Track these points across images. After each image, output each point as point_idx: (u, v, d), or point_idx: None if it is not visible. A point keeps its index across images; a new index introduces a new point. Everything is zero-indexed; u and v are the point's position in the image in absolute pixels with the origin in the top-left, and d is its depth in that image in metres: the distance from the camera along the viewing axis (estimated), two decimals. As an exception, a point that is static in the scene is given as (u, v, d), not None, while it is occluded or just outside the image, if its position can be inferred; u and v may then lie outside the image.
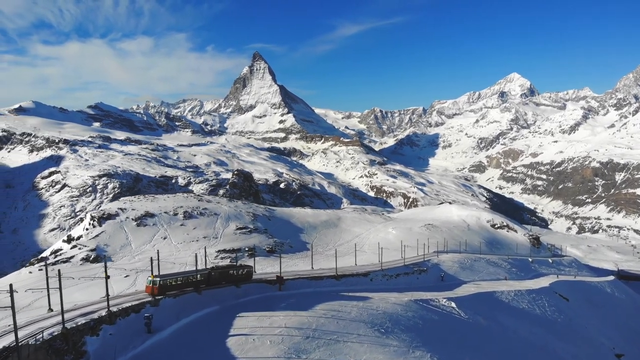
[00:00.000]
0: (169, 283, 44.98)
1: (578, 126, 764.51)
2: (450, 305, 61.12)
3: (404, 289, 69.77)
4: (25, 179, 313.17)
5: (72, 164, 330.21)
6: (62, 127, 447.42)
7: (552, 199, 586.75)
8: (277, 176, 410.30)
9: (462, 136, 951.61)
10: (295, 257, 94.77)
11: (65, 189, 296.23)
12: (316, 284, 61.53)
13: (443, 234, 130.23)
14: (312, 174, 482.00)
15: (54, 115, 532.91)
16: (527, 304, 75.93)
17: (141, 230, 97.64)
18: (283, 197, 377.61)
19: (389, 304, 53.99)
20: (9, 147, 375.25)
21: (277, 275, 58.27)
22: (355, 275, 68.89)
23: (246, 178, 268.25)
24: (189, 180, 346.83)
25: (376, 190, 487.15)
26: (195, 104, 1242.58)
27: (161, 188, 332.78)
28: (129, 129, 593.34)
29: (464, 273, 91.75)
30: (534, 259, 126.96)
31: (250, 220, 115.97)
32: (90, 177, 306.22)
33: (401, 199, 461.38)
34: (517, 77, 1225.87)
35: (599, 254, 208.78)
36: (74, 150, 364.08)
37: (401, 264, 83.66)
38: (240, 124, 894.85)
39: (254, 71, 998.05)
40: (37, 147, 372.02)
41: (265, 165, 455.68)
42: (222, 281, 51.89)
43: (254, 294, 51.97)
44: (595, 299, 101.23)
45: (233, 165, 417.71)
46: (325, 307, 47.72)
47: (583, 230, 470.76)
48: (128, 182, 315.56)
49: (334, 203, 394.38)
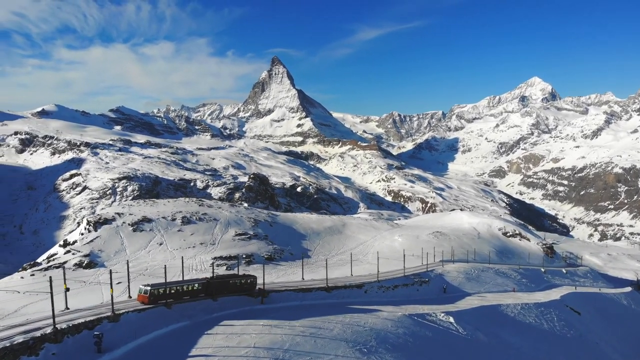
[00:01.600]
0: (161, 292, 43.66)
1: (600, 131, 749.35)
2: (448, 320, 57.74)
3: (401, 301, 66.48)
4: (46, 181, 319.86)
5: (92, 167, 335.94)
6: (84, 130, 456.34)
7: (574, 205, 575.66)
8: (294, 180, 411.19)
9: (482, 141, 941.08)
10: (294, 265, 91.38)
11: (85, 191, 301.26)
12: (303, 296, 57.88)
13: (451, 242, 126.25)
14: (329, 178, 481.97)
15: (76, 119, 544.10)
16: (534, 318, 72.10)
17: (137, 235, 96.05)
18: (300, 201, 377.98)
19: (379, 319, 50.69)
20: (32, 150, 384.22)
21: (259, 287, 54.49)
22: (348, 287, 65.01)
23: (262, 181, 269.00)
24: (207, 184, 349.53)
25: (393, 194, 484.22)
26: (215, 108, 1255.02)
27: (180, 191, 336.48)
28: (150, 133, 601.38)
29: (469, 284, 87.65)
30: (547, 269, 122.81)
31: (251, 226, 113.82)
32: (110, 179, 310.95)
33: (419, 204, 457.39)
34: (539, 81, 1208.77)
35: (619, 262, 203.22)
36: (94, 153, 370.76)
37: (402, 274, 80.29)
38: (258, 128, 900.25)
39: (273, 75, 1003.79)
40: (59, 149, 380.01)
41: (283, 169, 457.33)
42: (223, 291, 49.91)
43: (231, 308, 48.44)
44: (610, 312, 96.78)
45: (251, 168, 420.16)
46: (307, 324, 44.36)
47: (605, 237, 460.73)
48: (147, 185, 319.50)
49: (350, 207, 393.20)
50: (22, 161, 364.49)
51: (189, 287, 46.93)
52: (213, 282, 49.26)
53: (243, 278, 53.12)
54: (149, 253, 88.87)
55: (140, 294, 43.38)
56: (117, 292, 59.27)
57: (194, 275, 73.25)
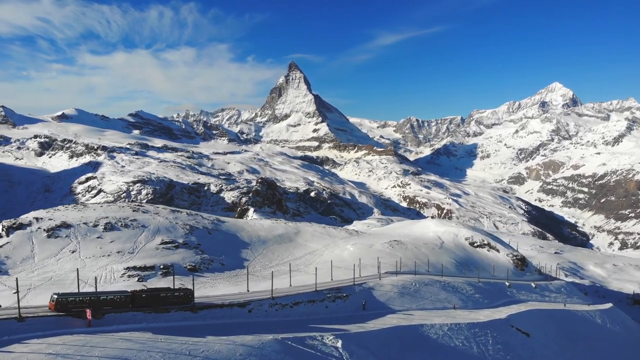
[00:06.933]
0: (70, 301, 43.38)
1: (622, 137, 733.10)
2: (333, 345, 48.11)
3: (296, 321, 57.14)
4: (63, 184, 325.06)
5: (108, 170, 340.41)
6: (103, 134, 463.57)
7: (594, 212, 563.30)
8: (308, 185, 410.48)
9: (501, 146, 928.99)
10: (220, 277, 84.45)
11: (100, 194, 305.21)
12: (156, 317, 47.87)
13: (407, 252, 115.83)
14: (344, 183, 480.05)
15: (96, 123, 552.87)
16: (462, 341, 62.10)
17: (50, 242, 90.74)
18: (313, 206, 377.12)
19: (233, 345, 40.90)
20: (50, 153, 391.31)
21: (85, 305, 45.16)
22: (226, 306, 54.67)
23: (270, 186, 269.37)
24: (221, 188, 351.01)
25: (409, 200, 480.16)
26: (233, 113, 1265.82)
27: (194, 195, 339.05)
28: (168, 137, 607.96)
29: (401, 300, 76.11)
30: (512, 283, 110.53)
31: (184, 233, 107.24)
32: (125, 183, 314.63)
33: (435, 210, 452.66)
34: (559, 87, 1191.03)
35: (625, 273, 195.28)
36: (111, 157, 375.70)
37: (326, 286, 71.58)
38: (274, 133, 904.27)
39: (290, 81, 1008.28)
40: (77, 153, 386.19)
41: (297, 173, 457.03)
42: (153, 304, 48.30)
43: (37, 330, 39.10)
44: (576, 332, 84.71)
45: (265, 173, 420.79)
46: (114, 353, 35.17)
47: (625, 246, 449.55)
48: (161, 189, 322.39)
49: (364, 213, 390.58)
50: (41, 164, 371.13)
51: (114, 297, 46.21)
52: (137, 295, 48.00)
53: (176, 291, 51.45)
54: (58, 261, 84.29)
55: (50, 302, 43.85)
56: (10, 302, 56.79)
57: (101, 287, 69.40)
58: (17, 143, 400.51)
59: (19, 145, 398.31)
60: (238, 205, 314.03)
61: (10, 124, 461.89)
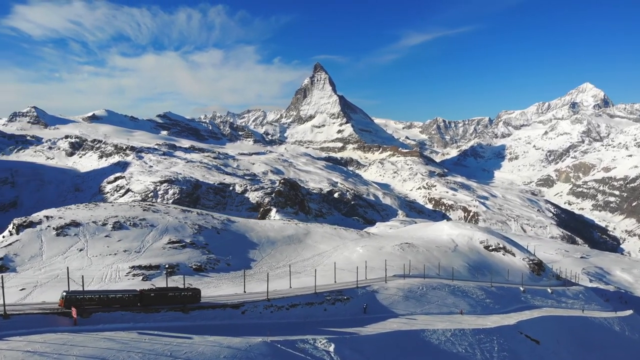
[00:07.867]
0: (79, 298, 44.10)
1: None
2: (325, 349, 46.32)
3: (291, 324, 55.74)
4: (93, 184, 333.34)
5: (136, 170, 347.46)
6: (132, 134, 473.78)
7: (625, 216, 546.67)
8: (332, 186, 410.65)
9: (529, 148, 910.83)
10: (226, 277, 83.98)
11: (128, 194, 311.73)
12: (145, 317, 46.90)
13: (418, 254, 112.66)
14: (368, 184, 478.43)
15: (125, 124, 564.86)
16: (466, 347, 59.21)
17: (59, 240, 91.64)
18: (336, 207, 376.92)
19: (219, 347, 39.89)
20: (81, 153, 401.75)
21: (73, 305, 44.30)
22: (219, 307, 53.56)
23: (292, 187, 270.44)
24: (246, 188, 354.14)
25: (434, 202, 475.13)
26: (259, 114, 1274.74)
27: (219, 195, 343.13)
28: (195, 138, 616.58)
29: (405, 304, 73.72)
30: (527, 288, 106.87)
31: (192, 233, 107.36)
32: (152, 182, 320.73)
33: (461, 213, 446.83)
34: (590, 87, 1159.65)
35: None
36: (139, 157, 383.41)
37: (328, 289, 69.76)
38: (299, 134, 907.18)
39: (315, 82, 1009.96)
40: (106, 153, 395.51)
41: (321, 174, 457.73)
42: (161, 302, 49.16)
43: (21, 328, 38.79)
44: (592, 339, 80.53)
45: (289, 173, 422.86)
46: (91, 353, 34.69)
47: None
48: (187, 188, 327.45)
49: (388, 214, 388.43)
50: (72, 164, 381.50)
51: (122, 296, 47.00)
52: (145, 294, 48.59)
53: (185, 290, 52.13)
54: (65, 259, 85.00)
55: (60, 299, 44.50)
56: (17, 299, 59.59)
57: (105, 285, 70.63)
58: (49, 143, 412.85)
59: (51, 145, 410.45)
60: (262, 205, 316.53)
61: (42, 125, 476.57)
